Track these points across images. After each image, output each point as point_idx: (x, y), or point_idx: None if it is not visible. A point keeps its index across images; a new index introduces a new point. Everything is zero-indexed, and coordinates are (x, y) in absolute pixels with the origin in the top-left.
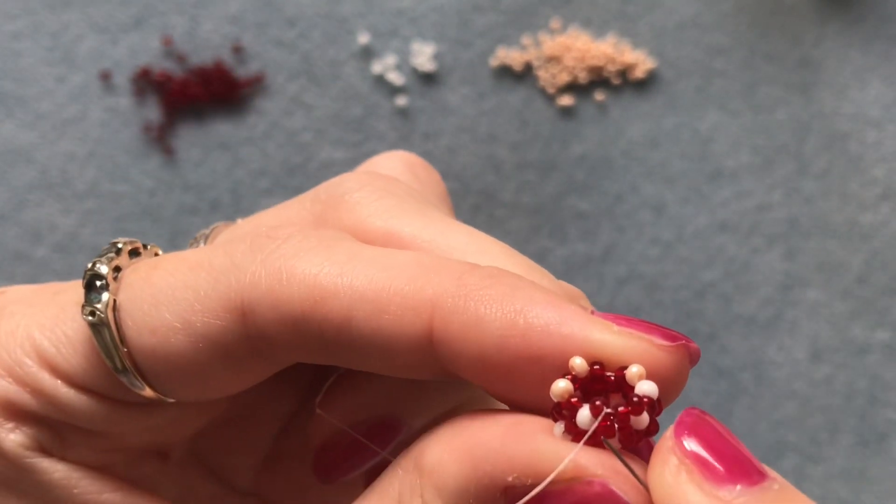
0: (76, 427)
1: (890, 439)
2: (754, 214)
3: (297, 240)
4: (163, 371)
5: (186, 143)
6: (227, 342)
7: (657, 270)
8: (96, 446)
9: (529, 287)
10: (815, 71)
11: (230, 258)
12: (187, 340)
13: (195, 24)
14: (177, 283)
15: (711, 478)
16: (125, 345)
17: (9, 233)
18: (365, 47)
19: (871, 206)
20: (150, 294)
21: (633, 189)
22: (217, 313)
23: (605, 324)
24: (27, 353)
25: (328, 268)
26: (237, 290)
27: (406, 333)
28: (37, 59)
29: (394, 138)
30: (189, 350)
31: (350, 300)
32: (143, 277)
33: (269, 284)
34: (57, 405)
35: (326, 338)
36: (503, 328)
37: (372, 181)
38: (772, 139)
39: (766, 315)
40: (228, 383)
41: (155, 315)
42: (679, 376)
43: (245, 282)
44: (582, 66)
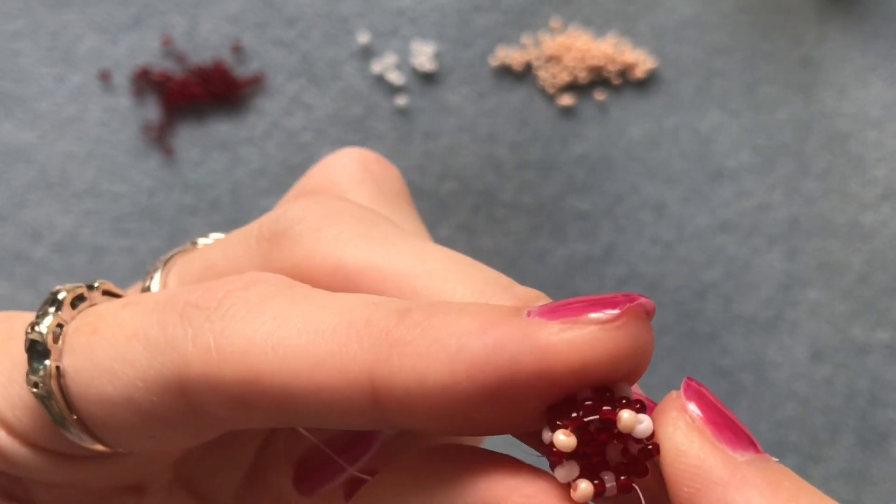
0: (36, 482)
1: (890, 439)
2: (755, 214)
3: (227, 308)
4: (112, 436)
5: (186, 142)
6: (172, 417)
7: (657, 270)
8: (63, 494)
9: (457, 320)
10: (815, 71)
11: (163, 332)
12: (133, 414)
13: (195, 23)
14: (116, 355)
15: (723, 439)
16: (74, 412)
17: (8, 233)
18: (365, 47)
19: (871, 206)
20: (92, 365)
21: (633, 189)
22: (158, 392)
23: (543, 326)
24: None
25: (258, 342)
26: (172, 370)
27: (349, 406)
28: (36, 59)
29: (394, 138)
30: (135, 421)
31: (285, 378)
32: (85, 344)
33: (200, 365)
34: (14, 463)
35: (269, 413)
36: (445, 377)
37: (312, 209)
38: (772, 139)
39: (766, 315)
40: (182, 443)
41: (98, 388)
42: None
43: (179, 361)
44: (582, 66)
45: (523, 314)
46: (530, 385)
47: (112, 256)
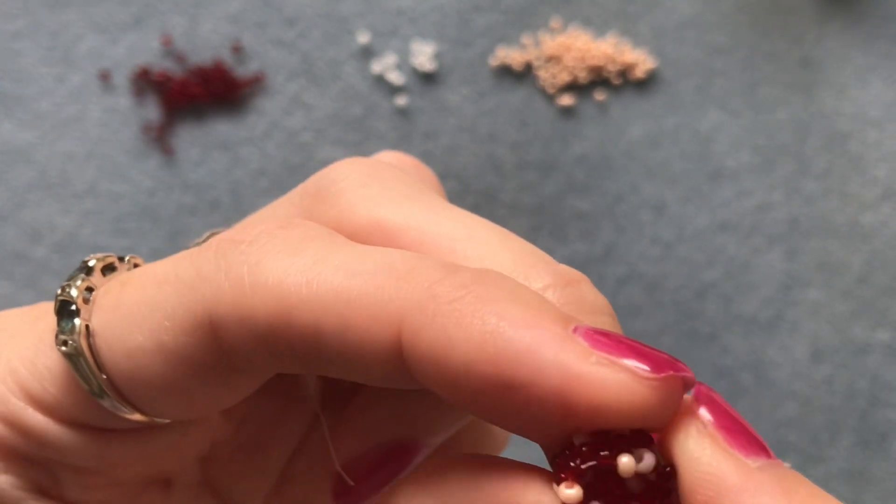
0: (69, 465)
1: (891, 439)
2: (755, 214)
3: (262, 242)
4: (144, 394)
5: (186, 143)
6: (202, 360)
7: (657, 270)
8: (92, 484)
9: (506, 300)
10: (815, 71)
11: (195, 268)
12: (162, 361)
13: (195, 23)
14: (145, 300)
15: (736, 444)
16: (104, 371)
17: (8, 233)
18: (365, 47)
19: (871, 206)
20: (121, 315)
21: (633, 189)
22: (187, 331)
23: (583, 351)
24: (11, 389)
25: (293, 275)
26: (203, 304)
27: (374, 349)
28: (36, 59)
29: (394, 138)
30: (166, 371)
31: (315, 313)
32: (114, 298)
33: (232, 297)
34: (46, 444)
35: (297, 351)
36: (471, 353)
37: (358, 167)
38: (772, 139)
39: (766, 315)
40: (213, 400)
41: (128, 338)
42: (663, 410)
43: (209, 295)
44: (582, 66)
45: (570, 327)
46: (544, 399)
47: None
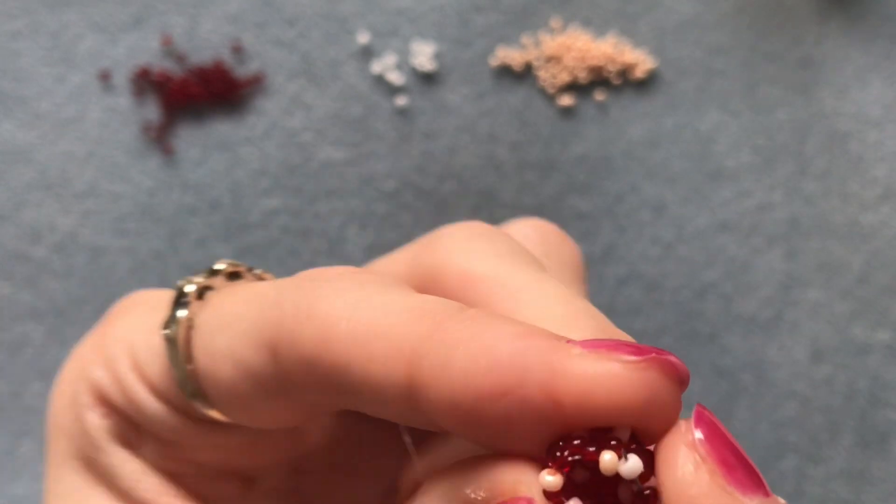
0: (150, 433)
1: (891, 440)
2: (755, 214)
3: (334, 281)
4: (216, 393)
5: (186, 143)
6: (261, 376)
7: (657, 270)
8: (169, 454)
9: (505, 323)
10: (815, 71)
11: (276, 294)
12: (232, 368)
13: (195, 23)
14: (236, 311)
15: (734, 482)
16: (190, 362)
17: (8, 233)
18: (365, 47)
19: (871, 207)
20: (217, 317)
21: (633, 189)
22: (254, 347)
23: (566, 349)
24: (124, 352)
25: (339, 310)
26: (270, 326)
27: (390, 382)
28: (36, 59)
29: (394, 138)
30: (233, 378)
31: (348, 346)
32: (220, 301)
33: (290, 325)
34: (137, 407)
35: (332, 380)
36: (467, 367)
37: (470, 226)
38: (772, 139)
39: (766, 315)
40: (274, 415)
41: (212, 340)
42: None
43: (276, 320)
44: (582, 66)
45: (563, 340)
46: (533, 398)
47: (112, 256)
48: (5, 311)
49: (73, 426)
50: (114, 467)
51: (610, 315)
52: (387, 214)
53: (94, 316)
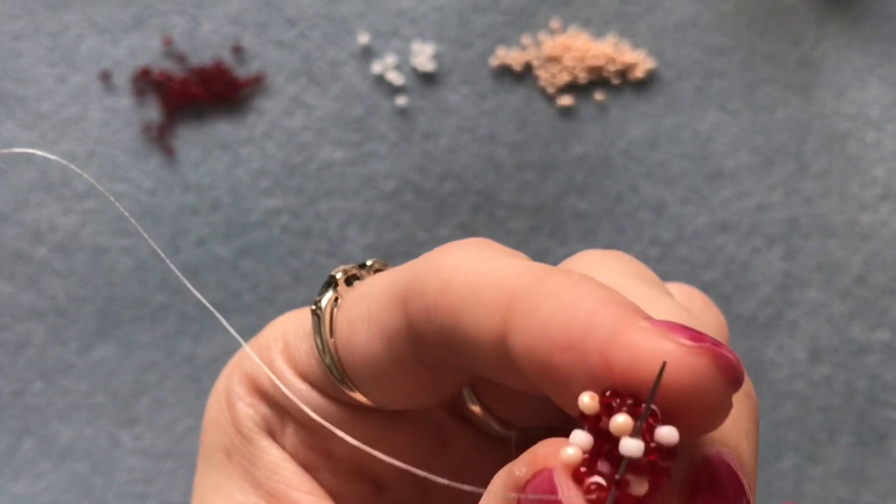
0: (297, 418)
1: (889, 439)
2: (754, 214)
3: (461, 245)
4: (353, 362)
5: (186, 143)
6: (393, 333)
7: (657, 270)
8: (308, 443)
9: (595, 287)
10: (814, 71)
11: (410, 263)
12: (367, 331)
13: (195, 24)
14: (376, 282)
15: None
16: (333, 336)
17: (9, 233)
18: (365, 47)
19: (870, 207)
20: (358, 292)
21: (633, 189)
22: (386, 306)
23: (634, 320)
24: (276, 339)
25: (462, 264)
26: (401, 284)
27: (489, 325)
28: (37, 59)
29: (394, 138)
30: (369, 341)
31: (463, 293)
32: (361, 283)
33: (419, 279)
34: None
35: (447, 330)
36: (548, 318)
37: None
38: (771, 139)
39: (765, 315)
40: (403, 387)
41: (353, 308)
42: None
43: (406, 278)
44: (582, 66)
45: (640, 313)
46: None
47: (113, 256)
48: (6, 311)
49: (222, 417)
50: (255, 456)
51: None
52: (387, 214)
53: (95, 316)
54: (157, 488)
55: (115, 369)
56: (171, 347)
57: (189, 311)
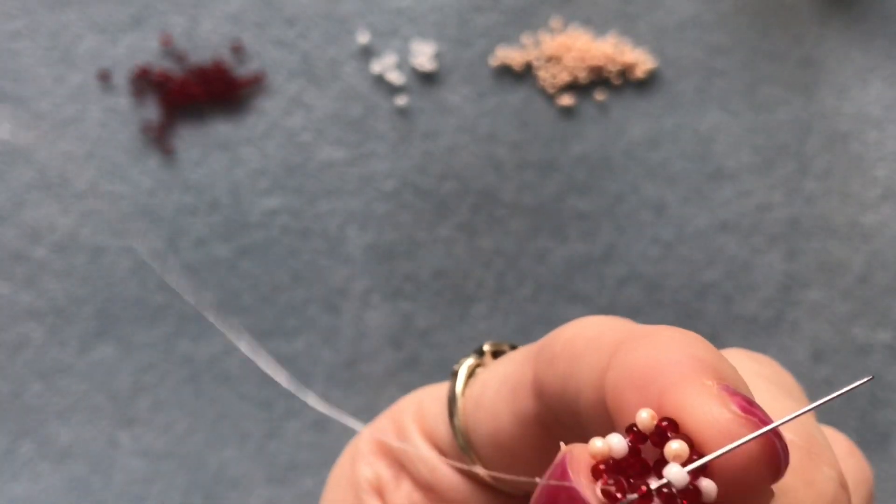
0: (411, 475)
1: (891, 440)
2: (755, 214)
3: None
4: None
5: (186, 142)
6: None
7: (657, 270)
8: (417, 501)
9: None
10: (815, 71)
11: (529, 350)
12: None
13: (194, 23)
14: (508, 364)
15: None
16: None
17: (7, 233)
18: (365, 47)
19: (872, 207)
20: (488, 373)
21: (633, 189)
22: (521, 362)
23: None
24: (412, 403)
25: (594, 322)
26: (530, 370)
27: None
28: (35, 59)
29: (394, 138)
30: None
31: (586, 340)
32: (495, 363)
33: (553, 335)
34: (404, 445)
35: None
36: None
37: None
38: (772, 139)
39: (766, 315)
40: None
41: (492, 370)
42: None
43: (533, 365)
44: (582, 66)
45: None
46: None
47: (112, 256)
48: (5, 311)
49: (342, 475)
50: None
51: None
52: (387, 214)
53: (95, 316)
54: (156, 489)
55: (114, 370)
56: (170, 348)
57: (188, 312)
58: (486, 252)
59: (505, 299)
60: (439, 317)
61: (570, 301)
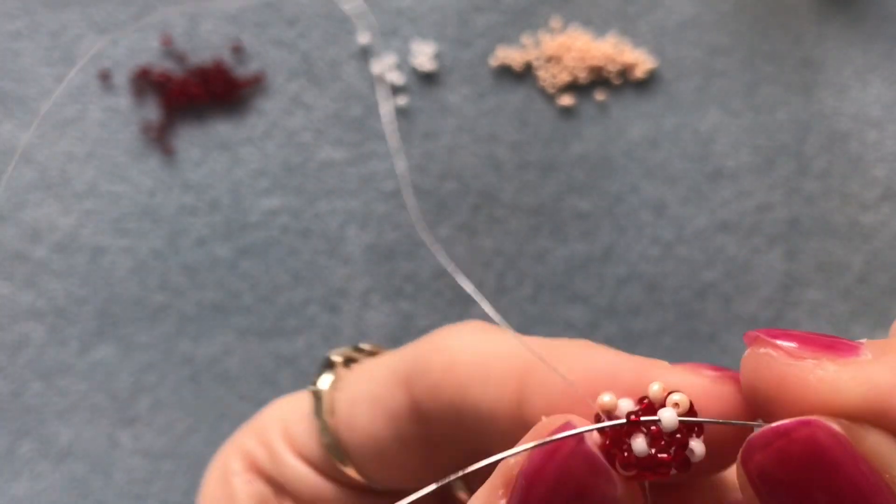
0: (294, 494)
1: None
2: (755, 214)
3: (460, 326)
4: (353, 442)
5: (186, 142)
6: (398, 414)
7: (657, 270)
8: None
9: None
10: (815, 71)
11: (412, 344)
12: (370, 411)
13: (194, 23)
14: (377, 363)
15: None
16: (333, 416)
17: (8, 233)
18: (365, 47)
19: (871, 207)
20: (358, 373)
21: (633, 189)
22: (391, 387)
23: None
24: (275, 421)
25: (465, 342)
26: (405, 363)
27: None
28: (36, 59)
29: (394, 138)
30: (370, 421)
31: (468, 369)
32: (359, 366)
33: (423, 358)
34: (281, 469)
35: (455, 405)
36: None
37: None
38: (772, 139)
39: (766, 315)
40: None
41: (355, 389)
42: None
43: (410, 357)
44: (582, 66)
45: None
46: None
47: (112, 256)
48: (5, 311)
49: (218, 492)
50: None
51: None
52: (387, 214)
53: (95, 316)
54: (156, 489)
55: (115, 370)
56: (170, 348)
57: (188, 312)
58: (486, 252)
59: (505, 299)
60: (439, 317)
61: (570, 301)
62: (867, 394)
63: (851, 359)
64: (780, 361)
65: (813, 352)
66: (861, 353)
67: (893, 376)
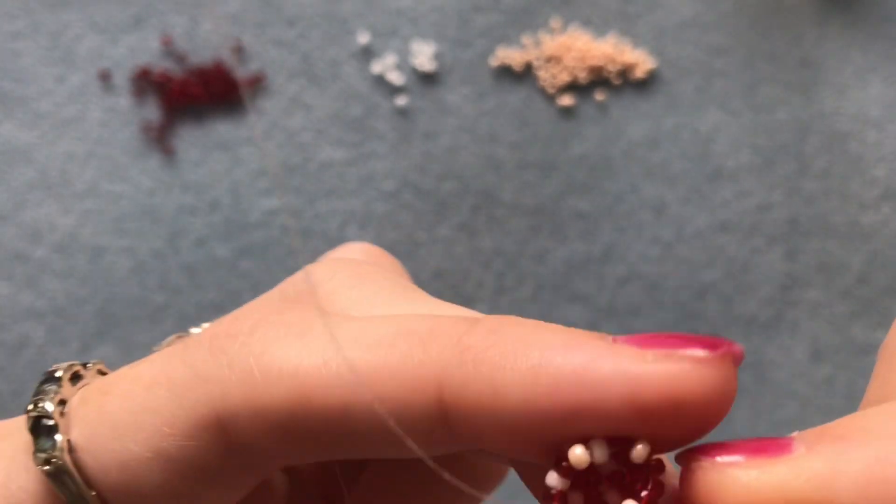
0: None
1: None
2: (754, 214)
3: (263, 331)
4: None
5: (186, 143)
6: (208, 462)
7: (657, 270)
8: None
9: (540, 331)
10: (815, 71)
11: (190, 368)
12: (162, 469)
13: (195, 23)
14: (135, 407)
15: None
16: (92, 487)
17: (8, 233)
18: (365, 47)
19: (871, 207)
20: (109, 425)
21: (633, 189)
22: (190, 435)
23: (637, 353)
24: None
25: (307, 358)
26: (207, 404)
27: (411, 417)
28: (36, 59)
29: (394, 138)
30: (167, 479)
31: (340, 392)
32: (96, 407)
33: (242, 391)
34: None
35: (321, 435)
36: (526, 390)
37: (341, 269)
38: (772, 139)
39: (766, 315)
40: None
41: (120, 449)
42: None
43: (215, 394)
44: (582, 66)
45: (609, 339)
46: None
47: (112, 256)
48: (5, 312)
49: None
50: None
51: (610, 315)
52: (387, 214)
53: (94, 316)
54: None
55: (114, 370)
56: None
57: (188, 312)
58: (486, 252)
59: (505, 299)
60: None
61: (570, 301)
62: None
63: (783, 457)
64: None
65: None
66: (794, 448)
67: (826, 467)
